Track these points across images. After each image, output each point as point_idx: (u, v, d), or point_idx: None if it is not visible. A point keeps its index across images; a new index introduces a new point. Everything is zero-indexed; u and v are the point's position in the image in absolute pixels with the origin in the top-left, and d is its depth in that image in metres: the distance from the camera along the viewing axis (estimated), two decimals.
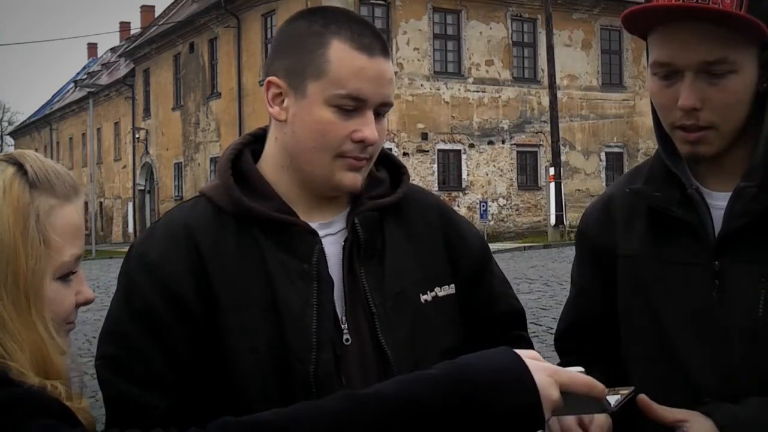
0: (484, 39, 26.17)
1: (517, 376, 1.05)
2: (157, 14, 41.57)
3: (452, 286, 1.48)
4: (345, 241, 1.39)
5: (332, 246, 1.39)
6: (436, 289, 1.45)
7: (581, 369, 1.14)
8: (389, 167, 1.52)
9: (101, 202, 42.12)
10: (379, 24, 24.57)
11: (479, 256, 1.56)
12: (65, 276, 1.13)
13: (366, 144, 1.35)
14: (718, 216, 1.38)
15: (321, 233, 1.39)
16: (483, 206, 24.17)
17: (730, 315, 1.34)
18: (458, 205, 25.39)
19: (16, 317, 1.05)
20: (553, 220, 22.71)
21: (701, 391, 1.35)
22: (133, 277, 1.35)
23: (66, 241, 1.12)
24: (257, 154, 1.46)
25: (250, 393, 1.32)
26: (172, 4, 37.07)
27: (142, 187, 36.58)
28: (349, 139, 1.34)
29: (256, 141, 1.48)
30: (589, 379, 1.11)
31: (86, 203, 41.67)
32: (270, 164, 1.42)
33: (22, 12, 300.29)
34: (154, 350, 1.31)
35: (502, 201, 26.20)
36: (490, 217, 25.05)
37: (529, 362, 1.07)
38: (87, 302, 1.18)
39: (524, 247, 21.49)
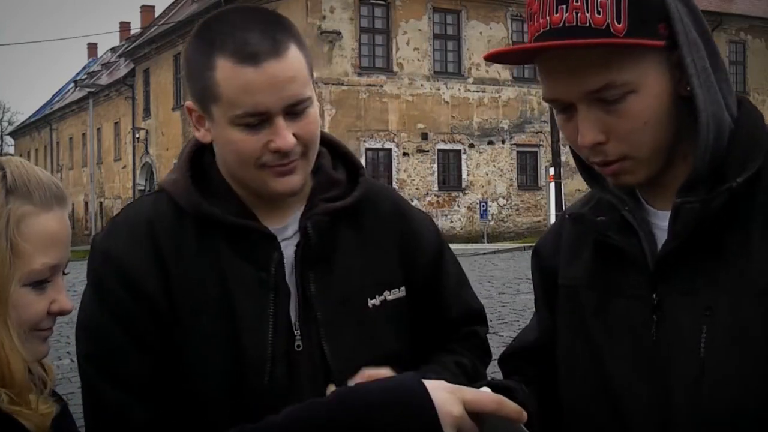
0: (484, 39, 26.17)
1: (411, 394, 1.04)
2: (157, 14, 41.59)
3: (402, 289, 1.45)
4: (297, 246, 1.36)
5: (287, 250, 1.36)
6: (386, 293, 1.42)
7: (488, 389, 1.12)
8: (347, 166, 1.48)
9: (101, 202, 42.12)
10: (379, 24, 24.61)
11: (432, 258, 1.52)
12: (37, 283, 1.14)
13: (283, 152, 1.29)
14: (662, 239, 1.18)
15: (278, 237, 1.36)
16: (483, 206, 24.18)
17: (670, 355, 1.14)
18: (458, 205, 25.40)
19: None
20: (553, 220, 22.70)
21: None
22: (101, 275, 1.32)
23: (37, 249, 1.12)
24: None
25: (204, 400, 1.30)
26: (172, 4, 37.08)
27: (142, 187, 36.57)
28: (265, 150, 1.29)
29: None
30: (498, 397, 1.09)
31: (86, 203, 41.86)
32: (223, 173, 1.39)
33: (22, 12, 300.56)
34: (130, 346, 1.29)
35: (502, 201, 26.20)
36: (490, 217, 25.07)
37: (427, 382, 1.06)
38: (62, 312, 1.18)
39: (524, 247, 21.52)
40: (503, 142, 26.47)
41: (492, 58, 1.19)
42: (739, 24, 30.30)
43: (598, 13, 1.08)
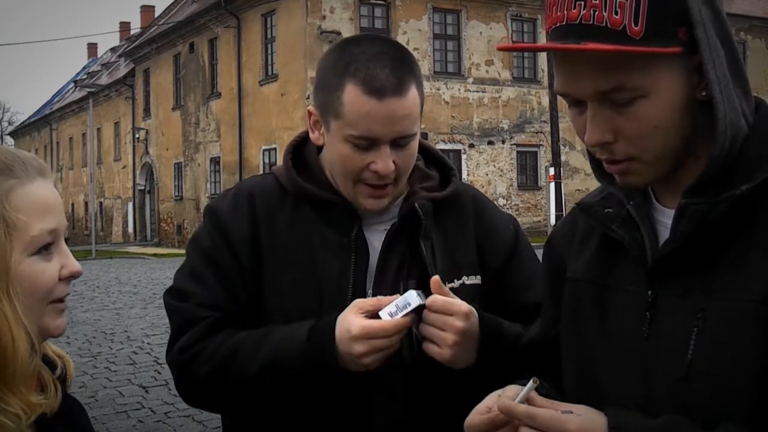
0: (484, 39, 26.17)
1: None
2: (157, 14, 41.57)
3: (478, 277, 1.63)
4: (392, 226, 1.58)
5: (377, 233, 1.59)
6: (464, 277, 1.61)
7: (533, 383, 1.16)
8: (439, 167, 1.69)
9: (101, 202, 42.11)
10: (379, 24, 24.60)
11: (507, 254, 1.67)
12: (42, 249, 1.15)
13: (380, 174, 1.51)
14: (665, 238, 1.17)
15: (372, 219, 1.59)
16: None
17: (658, 356, 1.13)
18: None
19: None
20: (553, 220, 22.71)
21: None
22: (205, 224, 1.63)
23: (32, 217, 1.14)
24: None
25: None
26: (172, 4, 37.06)
27: (142, 187, 36.57)
28: (366, 169, 1.52)
29: None
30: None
31: (86, 203, 41.82)
32: (326, 167, 1.63)
33: (22, 12, 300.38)
34: (215, 281, 1.56)
35: (502, 201, 26.20)
36: None
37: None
38: (73, 275, 1.19)
39: None
40: (503, 142, 26.47)
41: (505, 50, 1.22)
42: (739, 24, 30.29)
43: (616, 13, 1.06)
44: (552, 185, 22.62)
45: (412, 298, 1.41)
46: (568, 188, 25.40)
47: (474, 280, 1.62)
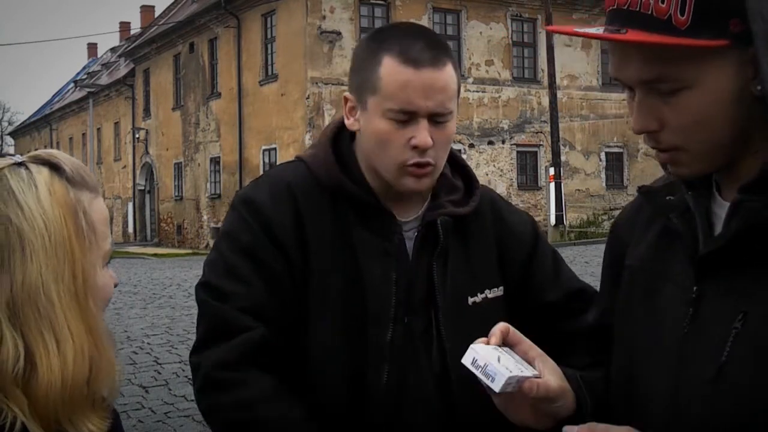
0: (484, 39, 26.17)
1: None
2: (157, 14, 41.55)
3: (501, 288, 1.62)
4: (418, 234, 1.56)
5: (407, 237, 1.56)
6: (486, 291, 1.60)
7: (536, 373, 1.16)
8: (463, 176, 1.68)
9: None
10: (379, 24, 24.57)
11: (528, 254, 1.66)
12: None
13: (420, 149, 1.48)
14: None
15: (402, 225, 1.55)
16: None
17: (694, 354, 1.10)
18: None
19: (75, 311, 1.08)
20: (553, 220, 22.69)
21: None
22: (242, 216, 1.51)
23: (105, 230, 1.17)
24: (353, 134, 1.61)
25: (321, 355, 1.47)
26: (172, 4, 37.05)
27: (142, 187, 36.56)
28: (406, 146, 1.48)
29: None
30: None
31: None
32: (360, 156, 1.58)
33: (22, 12, 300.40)
34: (258, 281, 1.47)
35: None
36: None
37: None
38: (116, 284, 1.23)
39: None
40: (503, 142, 26.47)
41: (554, 32, 1.26)
42: None
43: (663, 1, 1.02)
44: (552, 185, 22.60)
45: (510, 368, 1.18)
46: (568, 188, 25.39)
47: (497, 292, 1.61)
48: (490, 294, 1.60)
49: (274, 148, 25.41)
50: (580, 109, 27.69)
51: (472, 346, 1.19)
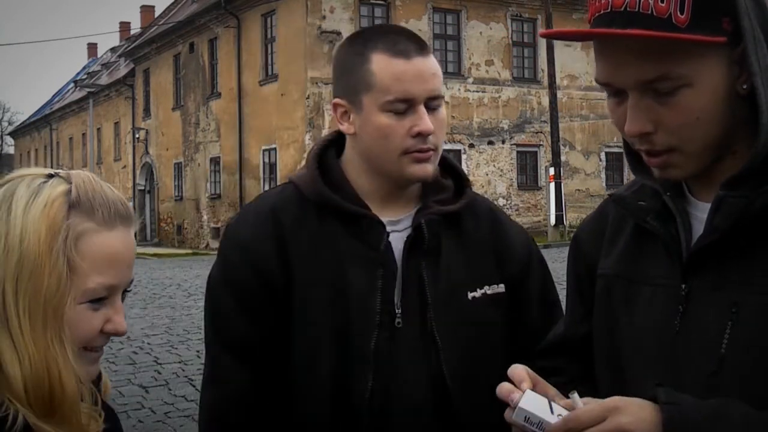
0: (484, 39, 26.17)
1: None
2: (157, 14, 41.55)
3: (501, 286, 1.62)
4: (408, 237, 1.56)
5: (396, 241, 1.56)
6: (485, 287, 1.60)
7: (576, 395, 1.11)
8: (454, 176, 1.69)
9: None
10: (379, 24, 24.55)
11: (520, 270, 1.66)
12: (93, 302, 1.12)
13: (423, 135, 1.52)
14: (699, 231, 1.16)
15: (388, 228, 1.56)
16: None
17: (689, 350, 1.12)
18: None
19: (28, 330, 1.06)
20: (553, 220, 22.70)
21: None
22: (227, 254, 1.59)
23: (94, 268, 1.10)
24: (341, 150, 1.65)
25: (304, 366, 1.51)
26: (172, 4, 37.04)
27: (142, 187, 36.55)
28: (408, 135, 1.52)
29: (341, 137, 1.66)
30: None
31: None
32: (351, 166, 1.61)
33: (22, 12, 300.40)
34: (240, 316, 1.54)
35: (502, 201, 26.19)
36: None
37: None
38: (116, 333, 1.15)
39: None
40: (503, 142, 26.47)
41: (548, 36, 1.21)
42: None
43: (662, 1, 1.05)
44: (552, 185, 22.60)
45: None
46: (568, 188, 25.40)
47: (497, 289, 1.61)
48: (489, 290, 1.60)
49: (274, 148, 25.41)
50: (580, 109, 27.69)
51: (520, 405, 1.09)
